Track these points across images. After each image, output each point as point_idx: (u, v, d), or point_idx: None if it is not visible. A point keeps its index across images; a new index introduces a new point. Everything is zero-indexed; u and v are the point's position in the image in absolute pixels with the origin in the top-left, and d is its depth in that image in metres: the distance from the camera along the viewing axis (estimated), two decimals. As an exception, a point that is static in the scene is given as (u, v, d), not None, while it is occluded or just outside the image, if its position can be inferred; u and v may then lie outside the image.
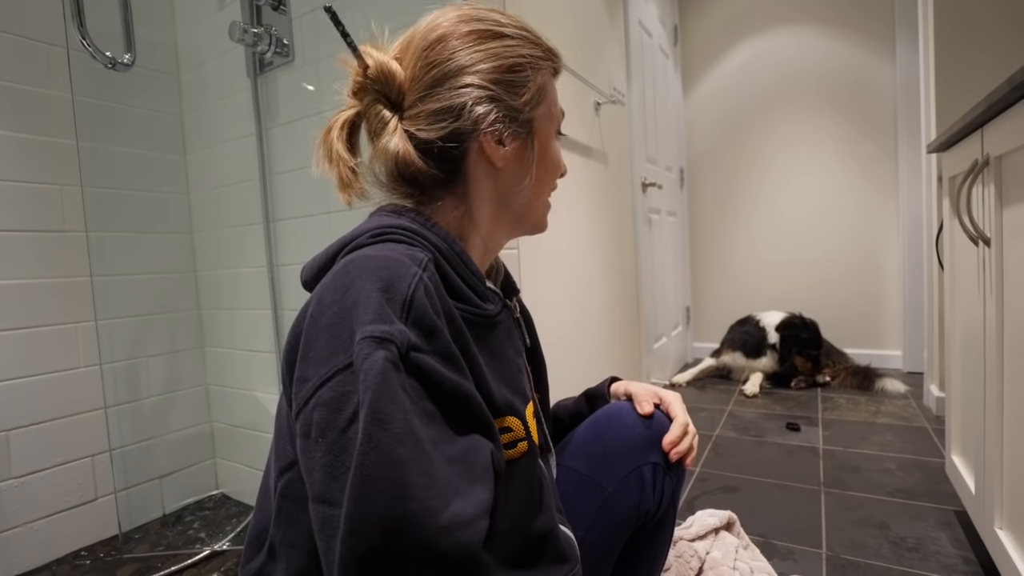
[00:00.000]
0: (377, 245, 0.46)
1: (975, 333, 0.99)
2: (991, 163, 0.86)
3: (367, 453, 0.34)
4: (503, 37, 0.52)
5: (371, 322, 0.38)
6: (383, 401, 0.35)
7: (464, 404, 0.41)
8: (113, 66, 1.19)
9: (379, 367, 0.36)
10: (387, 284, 0.40)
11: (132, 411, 1.47)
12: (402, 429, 0.35)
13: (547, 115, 0.56)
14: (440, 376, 0.39)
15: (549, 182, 0.59)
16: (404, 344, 0.38)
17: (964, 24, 1.73)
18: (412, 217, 0.50)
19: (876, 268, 2.62)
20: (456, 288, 0.48)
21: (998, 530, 0.87)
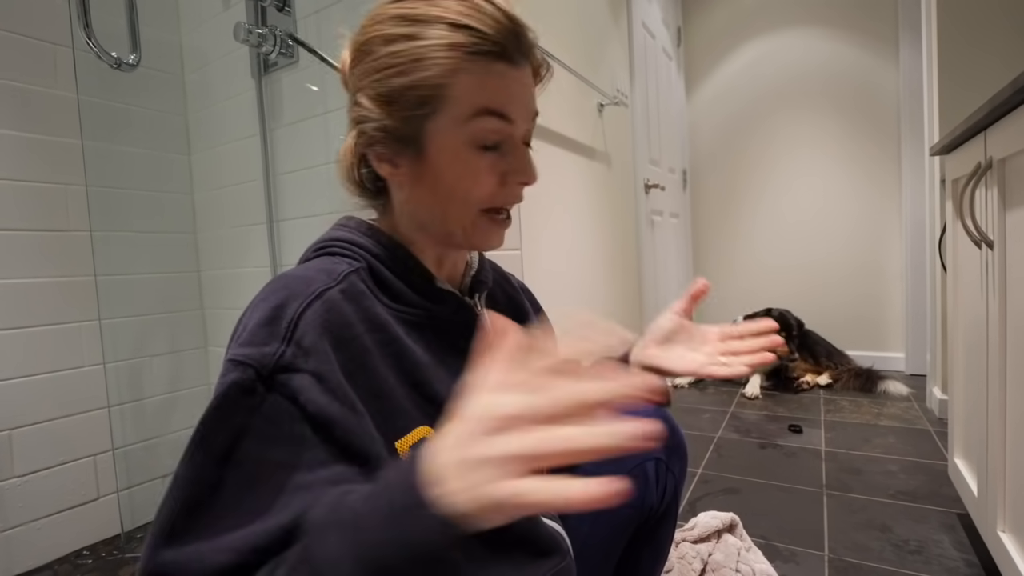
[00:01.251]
0: (312, 260, 0.49)
1: (978, 336, 0.99)
2: (994, 166, 0.86)
3: (182, 465, 0.36)
4: (398, 40, 0.45)
5: (242, 344, 0.39)
6: (212, 423, 0.37)
7: (331, 430, 0.39)
8: (119, 66, 1.20)
9: (221, 390, 0.37)
10: (281, 304, 0.41)
11: (135, 410, 1.47)
12: (221, 452, 0.36)
13: (451, 125, 0.46)
14: (307, 398, 0.38)
15: (459, 199, 0.48)
16: (267, 366, 0.38)
17: (967, 26, 1.73)
18: (354, 227, 0.52)
19: (879, 270, 2.61)
20: (396, 290, 0.49)
21: (1000, 533, 0.87)
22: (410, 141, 0.47)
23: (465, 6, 0.45)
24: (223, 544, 0.35)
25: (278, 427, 0.38)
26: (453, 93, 0.45)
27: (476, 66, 0.45)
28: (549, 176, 1.53)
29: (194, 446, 0.37)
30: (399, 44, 0.45)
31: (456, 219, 0.50)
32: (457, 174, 0.48)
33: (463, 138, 0.46)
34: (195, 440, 0.37)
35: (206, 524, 0.35)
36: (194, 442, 0.37)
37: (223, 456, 0.36)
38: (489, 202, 0.49)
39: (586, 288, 1.76)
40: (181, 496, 0.36)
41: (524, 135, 0.50)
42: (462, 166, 0.47)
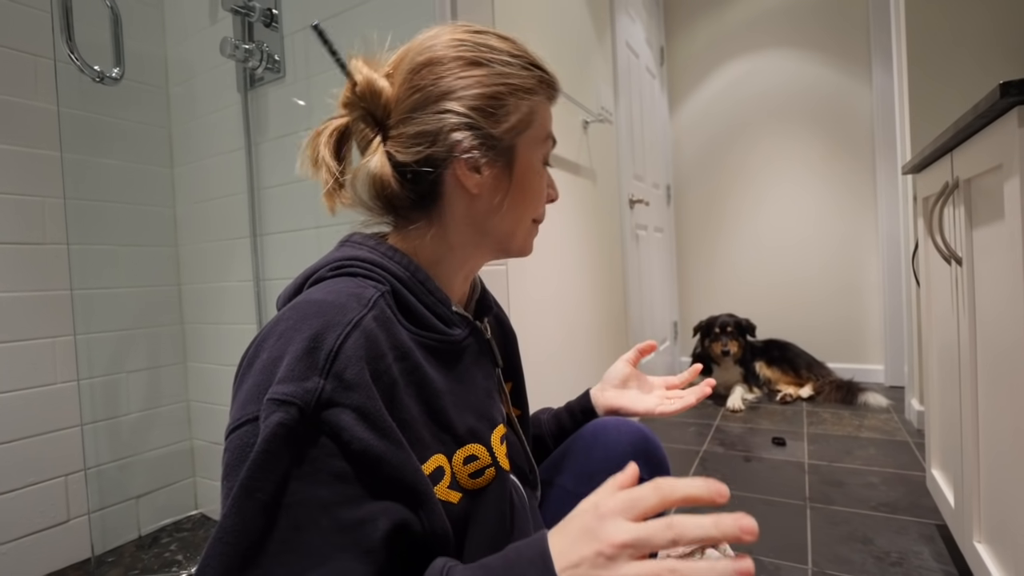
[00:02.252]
0: (331, 280, 0.47)
1: (950, 349, 1.02)
2: (960, 186, 0.89)
3: (228, 516, 0.36)
4: (492, 63, 0.51)
5: (281, 380, 0.38)
6: (257, 470, 0.36)
7: (377, 465, 0.39)
8: (101, 80, 1.19)
9: (267, 434, 0.37)
10: (317, 334, 0.40)
11: (109, 428, 1.44)
12: (269, 499, 0.36)
13: (533, 142, 0.54)
14: (351, 434, 0.38)
15: (531, 209, 0.57)
16: (310, 403, 0.38)
17: (935, 48, 1.80)
18: (372, 247, 0.51)
19: (857, 284, 2.67)
20: (417, 315, 0.49)
21: (977, 544, 0.89)
22: (503, 152, 0.52)
23: (529, 51, 0.54)
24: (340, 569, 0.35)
25: (324, 465, 0.38)
26: (538, 119, 0.54)
27: (546, 99, 0.56)
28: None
29: (242, 495, 0.36)
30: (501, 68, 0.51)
31: (523, 226, 0.57)
32: (535, 186, 0.56)
33: (539, 156, 0.56)
34: (241, 490, 0.36)
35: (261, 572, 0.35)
36: (241, 492, 0.36)
37: (272, 502, 0.36)
38: (539, 214, 0.59)
39: (572, 302, 1.77)
40: (232, 550, 0.35)
41: None
42: (538, 180, 0.56)
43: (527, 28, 1.49)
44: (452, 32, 0.52)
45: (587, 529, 0.36)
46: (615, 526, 0.35)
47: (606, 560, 0.34)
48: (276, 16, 1.31)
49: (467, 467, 0.49)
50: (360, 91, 0.50)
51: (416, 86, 0.50)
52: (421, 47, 0.52)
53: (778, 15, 2.78)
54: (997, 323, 0.78)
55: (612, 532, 0.35)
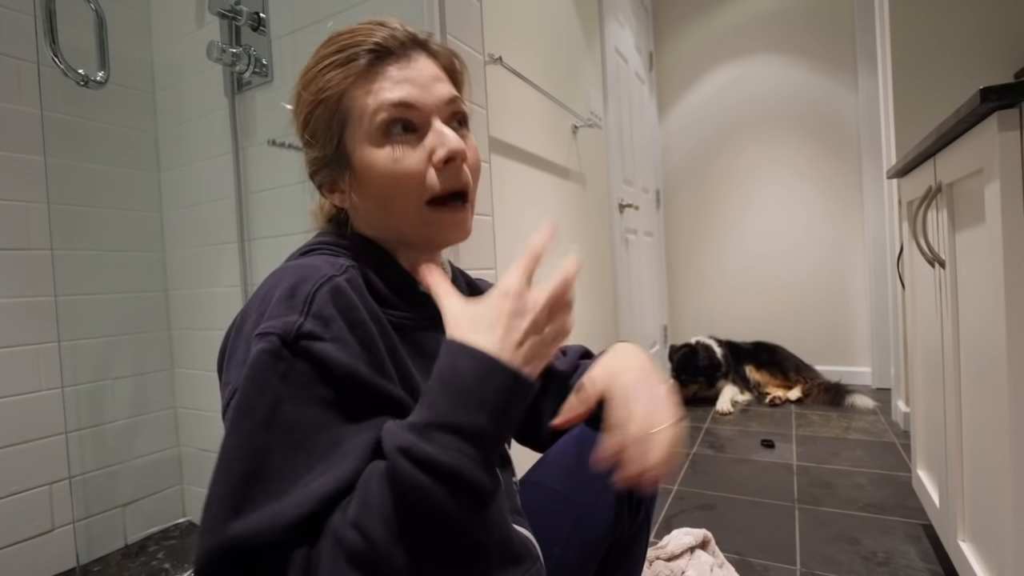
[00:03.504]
0: (304, 257, 0.50)
1: (934, 351, 1.03)
2: (943, 190, 0.91)
3: (229, 436, 0.38)
4: (307, 87, 0.52)
5: (265, 319, 0.41)
6: (248, 390, 0.39)
7: (362, 387, 0.42)
8: (86, 84, 1.18)
9: (253, 359, 0.39)
10: (294, 285, 0.43)
11: (95, 436, 1.42)
12: (264, 416, 0.38)
13: (358, 131, 0.50)
14: (332, 361, 0.40)
15: (401, 193, 0.50)
16: (290, 333, 0.40)
17: (919, 54, 1.83)
18: (340, 234, 0.55)
19: (844, 287, 2.70)
20: (381, 294, 0.51)
21: (961, 542, 0.90)
22: (338, 162, 0.52)
23: (346, 36, 0.51)
24: (292, 500, 0.37)
25: (309, 390, 0.40)
26: (352, 104, 0.50)
27: (363, 77, 0.49)
28: (525, 195, 1.55)
29: (239, 416, 0.38)
30: (308, 85, 0.51)
31: (404, 218, 0.51)
32: (381, 171, 0.50)
33: (371, 138, 0.49)
34: (238, 410, 0.38)
35: (269, 487, 0.37)
36: (238, 412, 0.38)
37: (267, 421, 0.38)
38: (428, 191, 0.50)
39: (561, 306, 1.77)
40: (237, 468, 0.37)
41: (443, 116, 0.51)
42: (380, 159, 0.49)
43: (516, 34, 1.50)
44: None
45: (514, 311, 0.42)
46: (534, 296, 0.43)
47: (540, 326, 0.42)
48: (264, 20, 1.31)
49: None
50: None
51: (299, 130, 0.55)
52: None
53: (765, 21, 2.81)
54: (979, 325, 0.79)
55: (536, 301, 0.43)
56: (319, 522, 0.37)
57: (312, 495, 0.37)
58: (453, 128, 0.52)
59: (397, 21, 0.52)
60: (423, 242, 0.54)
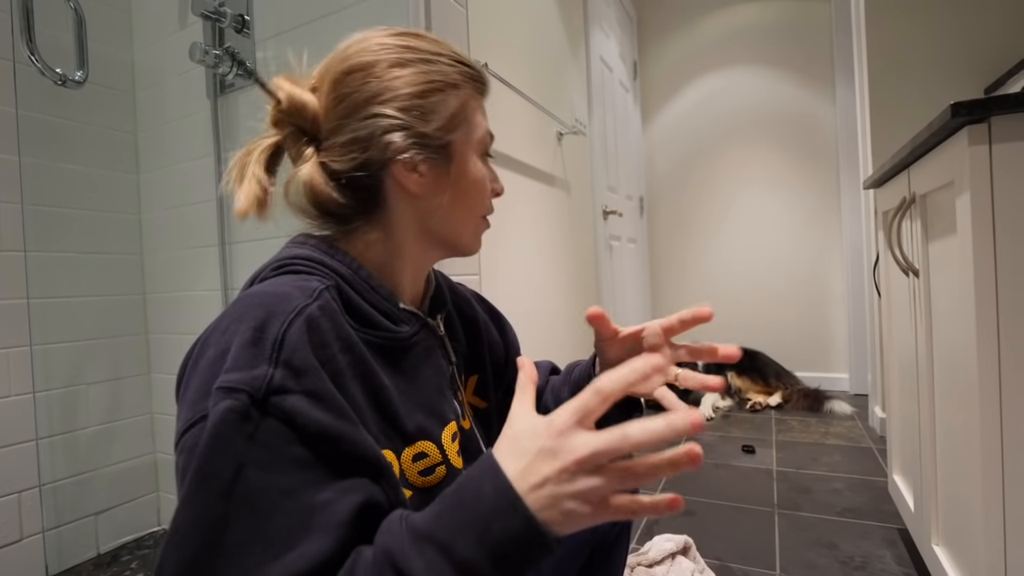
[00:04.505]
0: (273, 279, 0.47)
1: (909, 358, 1.05)
2: (917, 201, 0.93)
3: (184, 507, 0.34)
4: (415, 63, 0.51)
5: (228, 370, 0.38)
6: (211, 455, 0.35)
7: (335, 444, 0.39)
8: (63, 83, 1.16)
9: (216, 419, 0.36)
10: (261, 323, 0.40)
11: (67, 443, 1.38)
12: (225, 485, 0.35)
13: (467, 138, 0.54)
14: (306, 418, 0.38)
15: (474, 205, 0.57)
16: (260, 389, 0.37)
17: (895, 67, 1.88)
18: (314, 245, 0.51)
19: (823, 295, 2.75)
20: (361, 313, 0.49)
21: (935, 547, 0.92)
22: (439, 150, 0.52)
23: (453, 49, 0.55)
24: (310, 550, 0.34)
25: (277, 452, 0.37)
26: (470, 113, 0.54)
27: (477, 95, 0.56)
28: (509, 202, 1.55)
29: (195, 485, 0.35)
30: (425, 67, 0.51)
31: (471, 223, 0.57)
32: (476, 182, 0.56)
33: (477, 150, 0.56)
34: (195, 478, 0.35)
35: (228, 566, 0.34)
36: (195, 481, 0.35)
37: (227, 491, 0.35)
38: (486, 209, 0.59)
39: (545, 312, 1.78)
40: (190, 542, 0.34)
41: None
42: (478, 175, 0.56)
43: (502, 41, 1.50)
44: (373, 37, 0.52)
45: (546, 449, 0.36)
46: (575, 441, 0.36)
47: (569, 476, 0.35)
48: (248, 22, 1.30)
49: (416, 464, 0.49)
50: (286, 107, 0.51)
51: (342, 94, 0.50)
52: (343, 56, 0.52)
53: (746, 33, 2.87)
54: (951, 333, 0.81)
55: (573, 448, 0.36)
56: None
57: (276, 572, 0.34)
58: None
59: None
60: (460, 247, 0.58)
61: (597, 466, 0.35)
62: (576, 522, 0.36)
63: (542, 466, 0.36)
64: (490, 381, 0.67)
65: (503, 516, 0.35)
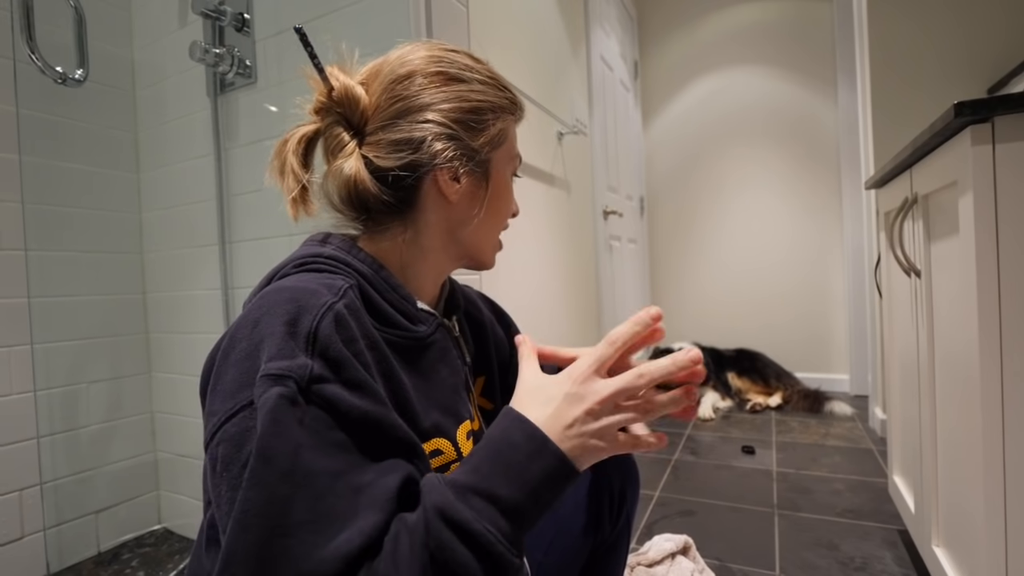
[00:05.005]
0: (296, 275, 0.48)
1: (910, 359, 1.05)
2: (919, 201, 0.93)
3: (249, 489, 0.35)
4: (469, 81, 0.54)
5: (272, 359, 0.39)
6: (270, 438, 0.36)
7: (376, 428, 0.41)
8: (63, 81, 1.16)
9: (271, 404, 0.37)
10: (293, 318, 0.41)
11: (68, 441, 1.38)
12: (288, 466, 0.36)
13: (505, 158, 0.58)
14: (347, 405, 0.39)
15: (500, 222, 0.60)
16: (304, 377, 0.38)
17: (897, 68, 1.87)
18: (337, 245, 0.52)
19: (824, 296, 2.74)
20: (382, 312, 0.50)
21: (935, 548, 0.91)
22: (481, 164, 0.55)
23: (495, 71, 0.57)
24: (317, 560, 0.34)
25: (325, 436, 0.38)
26: (509, 136, 0.58)
27: (514, 120, 0.59)
28: (510, 201, 1.55)
29: (259, 465, 0.35)
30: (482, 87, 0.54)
31: (493, 237, 0.60)
32: (506, 199, 0.60)
33: (510, 171, 0.60)
34: (258, 460, 0.36)
35: (292, 545, 0.35)
36: (258, 463, 0.36)
37: (288, 472, 0.36)
38: (506, 226, 0.62)
39: (545, 311, 1.77)
40: (258, 524, 0.34)
41: None
42: (509, 194, 0.60)
43: (502, 40, 1.50)
44: (429, 49, 0.54)
45: (572, 395, 0.43)
46: (597, 385, 0.43)
47: (595, 416, 0.43)
48: (248, 21, 1.30)
49: (432, 461, 0.50)
50: (338, 96, 0.51)
51: (398, 95, 0.51)
52: (400, 60, 0.53)
53: (747, 33, 2.86)
54: (953, 334, 0.81)
55: (597, 391, 0.43)
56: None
57: (339, 554, 0.35)
58: None
59: None
60: (480, 260, 0.60)
61: (616, 405, 0.43)
62: (596, 455, 0.43)
63: (570, 409, 0.42)
64: (496, 382, 0.68)
65: (537, 457, 0.40)
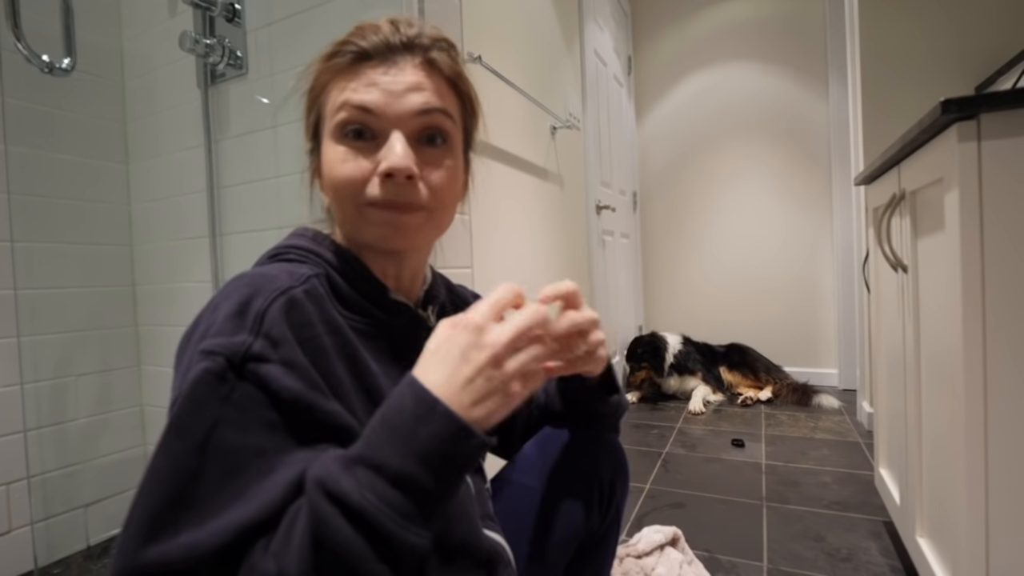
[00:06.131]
0: (267, 265, 0.50)
1: (897, 354, 1.07)
2: (907, 197, 0.94)
3: (157, 457, 0.36)
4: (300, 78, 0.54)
5: (211, 336, 0.39)
6: (185, 410, 0.37)
7: (307, 411, 0.40)
8: (50, 71, 1.14)
9: (193, 377, 0.37)
10: (246, 300, 0.42)
11: (56, 434, 1.37)
12: (200, 439, 0.36)
13: (327, 126, 0.50)
14: (279, 384, 0.39)
15: (337, 191, 0.49)
16: (238, 354, 0.38)
17: (887, 65, 1.89)
18: (311, 236, 0.53)
19: (813, 291, 2.77)
20: (350, 301, 0.50)
21: (919, 539, 0.93)
22: (316, 151, 0.53)
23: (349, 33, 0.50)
24: (214, 528, 0.35)
25: (251, 414, 0.38)
26: (327, 99, 0.50)
27: (342, 73, 0.49)
28: (502, 195, 1.55)
29: (170, 435, 0.36)
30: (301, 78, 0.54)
31: (347, 213, 0.50)
32: (329, 165, 0.49)
33: (330, 133, 0.49)
34: (169, 429, 0.37)
35: (191, 514, 0.35)
36: (169, 431, 0.37)
37: (201, 445, 0.36)
38: (368, 196, 0.48)
39: (538, 306, 1.78)
40: (161, 489, 0.35)
41: (409, 128, 0.49)
42: (331, 157, 0.49)
43: (496, 34, 1.50)
44: None
45: (469, 344, 0.38)
46: (495, 331, 0.39)
47: (497, 362, 0.38)
48: (238, 11, 1.28)
49: None
50: None
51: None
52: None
53: (740, 29, 2.87)
54: (938, 329, 0.82)
55: (496, 336, 0.38)
56: (240, 554, 0.35)
57: (233, 524, 0.35)
58: (423, 143, 0.50)
59: (405, 22, 0.50)
60: (364, 240, 0.51)
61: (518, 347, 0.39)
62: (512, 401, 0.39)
63: (471, 361, 0.38)
64: None
65: (425, 420, 0.36)
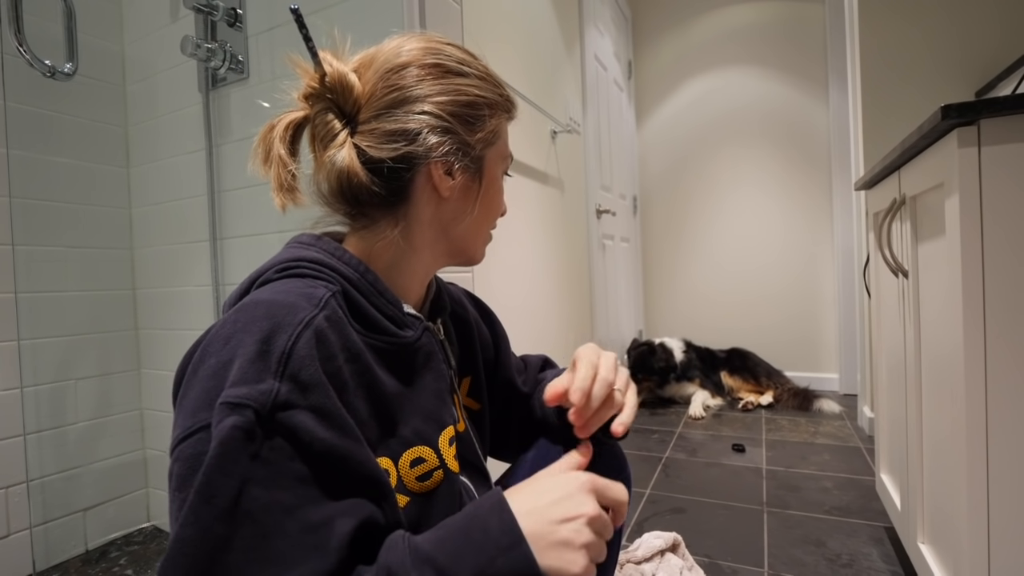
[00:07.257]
0: (279, 282, 0.46)
1: (898, 358, 1.06)
2: (907, 202, 0.94)
3: (185, 526, 0.34)
4: (465, 75, 0.53)
5: (234, 384, 0.37)
6: (215, 473, 0.35)
7: (340, 463, 0.39)
8: (52, 75, 1.15)
9: (223, 436, 0.35)
10: (267, 336, 0.39)
11: (55, 438, 1.37)
12: (228, 505, 0.35)
13: (498, 156, 0.58)
14: (311, 435, 0.38)
15: (490, 219, 0.60)
16: (266, 405, 0.37)
17: (887, 70, 1.89)
18: (322, 248, 0.50)
19: (814, 295, 2.77)
20: (368, 318, 0.49)
21: (921, 545, 0.93)
22: (475, 160, 0.54)
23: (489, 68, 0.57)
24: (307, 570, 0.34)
25: (281, 467, 0.37)
26: (502, 134, 0.58)
27: (507, 119, 0.59)
28: (503, 199, 1.55)
29: (200, 502, 0.34)
30: (479, 82, 0.54)
31: (483, 234, 0.60)
32: (497, 197, 0.60)
33: (501, 169, 0.59)
34: (199, 497, 0.34)
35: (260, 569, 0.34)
36: (198, 499, 0.34)
37: (233, 508, 0.35)
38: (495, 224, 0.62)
39: (538, 310, 1.78)
40: (193, 563, 0.33)
41: None
42: (499, 191, 0.60)
43: (496, 38, 1.50)
44: (425, 41, 0.53)
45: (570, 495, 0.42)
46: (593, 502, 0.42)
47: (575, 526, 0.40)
48: (240, 16, 1.29)
49: (414, 470, 0.49)
50: (331, 82, 0.50)
51: (393, 85, 0.50)
52: (396, 50, 0.52)
53: (740, 34, 2.88)
54: (939, 334, 0.82)
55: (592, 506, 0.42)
56: None
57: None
58: None
59: None
60: (469, 255, 0.60)
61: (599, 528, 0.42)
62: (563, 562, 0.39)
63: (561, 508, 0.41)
64: (483, 382, 0.67)
65: (506, 553, 0.38)
